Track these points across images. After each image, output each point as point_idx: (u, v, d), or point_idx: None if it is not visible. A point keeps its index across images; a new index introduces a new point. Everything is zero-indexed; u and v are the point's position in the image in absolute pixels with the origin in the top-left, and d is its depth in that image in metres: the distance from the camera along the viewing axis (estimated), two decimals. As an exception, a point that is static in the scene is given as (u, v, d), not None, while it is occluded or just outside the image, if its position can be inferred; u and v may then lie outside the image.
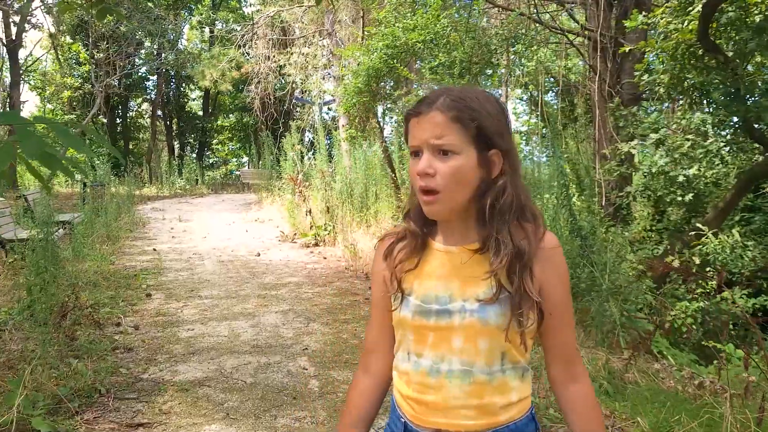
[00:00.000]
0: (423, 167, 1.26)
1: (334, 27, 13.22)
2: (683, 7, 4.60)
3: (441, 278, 1.33)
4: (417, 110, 1.28)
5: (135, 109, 30.09)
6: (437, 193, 1.26)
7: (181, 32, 25.57)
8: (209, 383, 4.22)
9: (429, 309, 1.31)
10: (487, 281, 1.28)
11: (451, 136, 1.24)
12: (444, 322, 1.30)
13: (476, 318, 1.27)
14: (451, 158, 1.25)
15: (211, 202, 17.90)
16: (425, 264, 1.36)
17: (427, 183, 1.26)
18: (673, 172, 5.52)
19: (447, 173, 1.25)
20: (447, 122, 1.24)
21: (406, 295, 1.36)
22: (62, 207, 13.41)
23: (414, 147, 1.29)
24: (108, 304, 6.13)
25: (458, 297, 1.30)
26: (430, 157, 1.26)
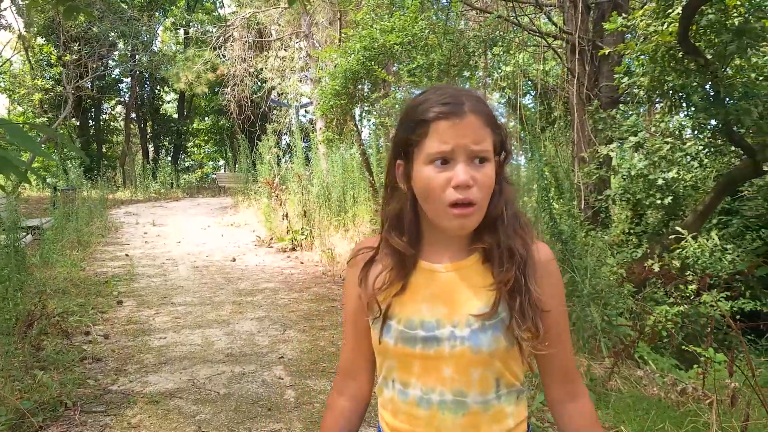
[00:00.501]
0: (465, 178, 1.11)
1: (311, 29, 13.09)
2: (663, 10, 4.56)
3: (426, 301, 1.22)
4: (453, 111, 1.14)
5: (108, 112, 29.61)
6: (474, 205, 1.14)
7: (156, 34, 25.23)
8: (181, 395, 4.08)
9: (414, 336, 1.19)
10: (484, 296, 1.18)
11: (486, 141, 1.14)
12: (432, 351, 1.18)
13: (467, 346, 1.16)
14: (486, 166, 1.14)
15: (187, 206, 17.65)
16: (408, 284, 1.24)
17: (466, 195, 1.13)
18: (652, 176, 5.49)
19: (484, 183, 1.14)
20: (483, 127, 1.14)
21: (387, 319, 1.23)
22: (32, 212, 13.10)
23: (443, 153, 1.14)
24: (77, 312, 5.94)
25: (447, 322, 1.19)
26: (466, 165, 1.13)
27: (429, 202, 1.17)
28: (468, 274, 1.21)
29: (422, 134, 1.16)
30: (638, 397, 3.78)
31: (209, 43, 17.02)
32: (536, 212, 5.36)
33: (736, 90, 4.59)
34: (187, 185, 24.26)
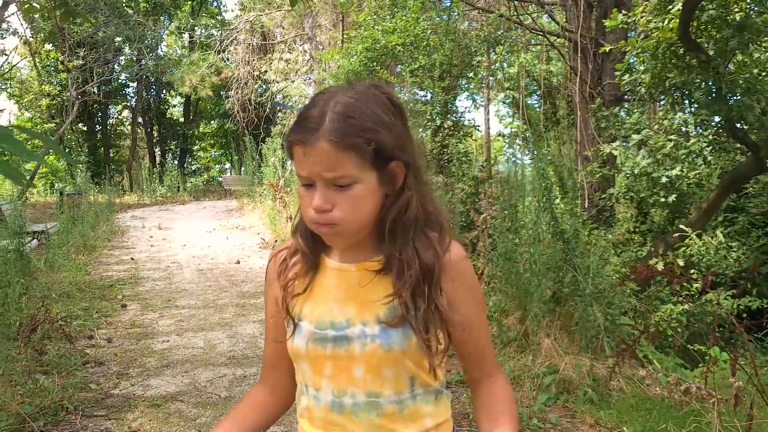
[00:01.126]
0: (319, 204, 1.08)
1: (314, 31, 13.10)
2: (663, 6, 4.53)
3: (337, 300, 1.19)
4: (300, 138, 1.08)
5: (115, 117, 29.76)
6: (335, 225, 1.11)
7: (161, 38, 25.33)
8: (182, 398, 4.07)
9: (324, 335, 1.16)
10: (389, 304, 1.14)
11: (345, 166, 1.06)
12: (342, 350, 1.15)
13: (378, 344, 1.13)
14: (349, 189, 1.08)
15: (192, 210, 17.68)
16: (318, 285, 1.22)
17: (324, 219, 1.10)
18: (656, 174, 5.45)
19: (346, 206, 1.09)
20: (339, 152, 1.05)
21: (297, 321, 1.21)
22: (39, 217, 13.15)
23: (304, 179, 1.11)
24: (81, 317, 5.95)
25: (357, 321, 1.16)
26: (324, 191, 1.09)
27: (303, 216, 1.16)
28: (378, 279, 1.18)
29: (290, 156, 1.13)
30: (641, 396, 3.75)
31: (213, 47, 17.05)
32: (538, 212, 5.32)
33: (738, 86, 4.55)
34: (194, 189, 24.32)
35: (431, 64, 8.29)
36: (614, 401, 3.72)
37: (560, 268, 4.85)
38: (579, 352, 4.28)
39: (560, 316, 4.69)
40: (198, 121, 30.13)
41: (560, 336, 4.46)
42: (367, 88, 1.15)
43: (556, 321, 4.61)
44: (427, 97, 9.09)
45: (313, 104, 1.12)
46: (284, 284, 1.23)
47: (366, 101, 1.11)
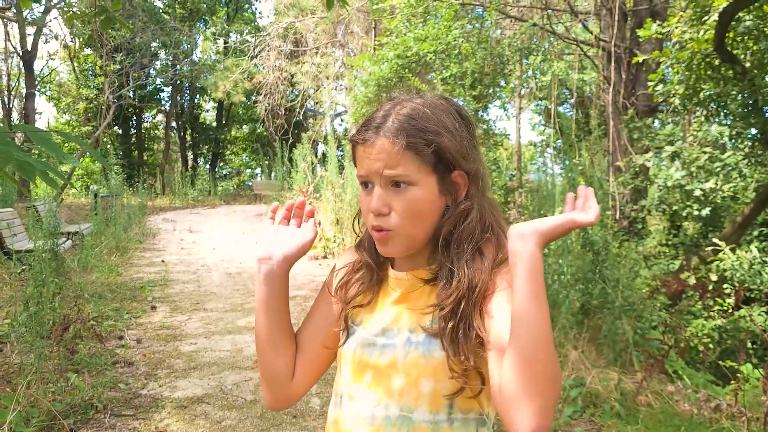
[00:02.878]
0: (376, 205, 1.10)
1: (346, 38, 13.18)
2: (699, 17, 4.46)
3: (390, 309, 1.19)
4: (362, 137, 1.12)
5: (149, 120, 30.27)
6: (389, 231, 1.11)
7: (196, 44, 25.72)
8: (208, 400, 4.11)
9: (374, 342, 1.16)
10: (431, 314, 1.13)
11: (405, 165, 1.08)
12: (387, 359, 1.13)
13: (420, 352, 1.10)
14: (406, 191, 1.09)
15: (223, 213, 17.87)
16: (380, 296, 1.22)
17: (380, 223, 1.11)
18: (690, 186, 5.36)
19: (403, 210, 1.10)
20: (399, 151, 1.08)
21: (354, 325, 1.21)
22: (74, 218, 13.42)
23: (363, 178, 1.14)
24: (112, 317, 6.05)
25: (405, 328, 1.15)
26: (382, 191, 1.10)
27: (365, 223, 1.19)
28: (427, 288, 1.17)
29: (353, 157, 1.17)
30: (669, 412, 3.68)
31: (247, 53, 17.25)
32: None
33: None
34: (224, 192, 24.60)
35: (462, 73, 8.27)
36: (642, 416, 3.66)
37: (589, 280, 4.80)
38: (607, 365, 4.23)
39: (588, 328, 4.64)
40: (230, 125, 30.49)
41: (588, 348, 4.41)
42: (435, 98, 1.18)
43: (584, 333, 4.57)
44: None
45: (379, 108, 1.16)
46: (347, 300, 1.24)
47: (431, 107, 1.14)
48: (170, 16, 23.56)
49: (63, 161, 2.21)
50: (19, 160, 1.56)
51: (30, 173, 1.75)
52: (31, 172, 1.73)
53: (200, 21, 26.68)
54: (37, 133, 1.87)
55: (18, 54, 19.35)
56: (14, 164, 1.54)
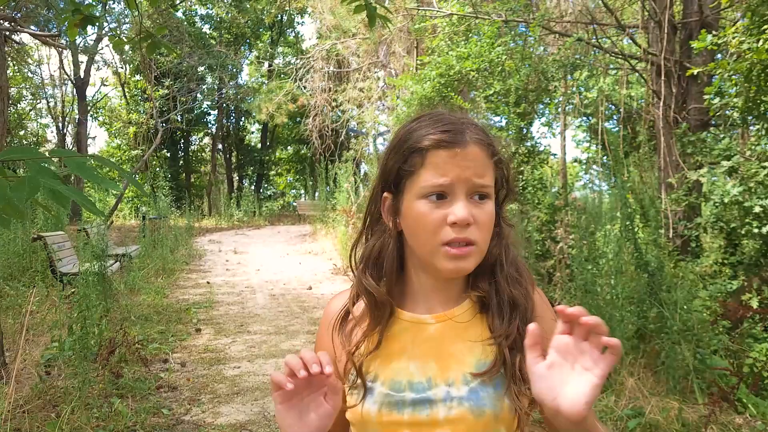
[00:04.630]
0: (465, 215, 0.97)
1: (388, 58, 13.19)
2: (758, 26, 4.26)
3: (414, 357, 1.05)
4: (451, 139, 1.00)
5: (196, 143, 30.87)
6: (472, 245, 1.00)
7: (241, 67, 26.19)
8: (251, 427, 4.04)
9: (402, 399, 1.02)
10: (481, 351, 1.02)
11: (488, 176, 1.02)
12: (424, 415, 1.00)
13: (467, 408, 0.98)
14: (486, 204, 1.01)
15: (267, 234, 18.01)
16: (389, 338, 1.07)
17: (465, 234, 0.99)
18: (748, 203, 5.10)
19: (485, 222, 1.01)
20: (486, 159, 1.01)
21: (368, 382, 1.06)
22: (123, 240, 13.67)
23: (441, 187, 0.99)
24: (157, 340, 6.06)
25: (440, 380, 1.02)
26: (466, 201, 1.00)
27: (421, 241, 1.03)
28: (460, 326, 1.05)
29: (416, 164, 1.02)
30: (736, 446, 3.45)
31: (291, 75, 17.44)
32: (620, 242, 5.07)
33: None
34: (269, 213, 24.81)
35: (506, 90, 8.14)
36: (707, 450, 3.44)
37: (644, 302, 4.58)
38: (666, 393, 4.00)
39: (645, 353, 4.42)
40: (274, 147, 30.87)
41: (645, 375, 4.19)
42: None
43: (640, 359, 4.35)
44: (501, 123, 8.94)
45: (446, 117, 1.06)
46: (351, 349, 1.08)
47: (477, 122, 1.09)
48: (216, 40, 24.06)
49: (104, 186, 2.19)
50: (51, 188, 1.52)
51: (63, 201, 1.71)
52: (64, 201, 1.69)
53: (245, 45, 27.17)
54: (73, 159, 1.84)
55: (71, 81, 20.00)
56: (45, 192, 1.49)
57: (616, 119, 15.10)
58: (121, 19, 18.59)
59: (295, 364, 0.93)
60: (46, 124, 24.34)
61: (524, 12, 8.83)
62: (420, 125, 1.05)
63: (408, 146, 1.03)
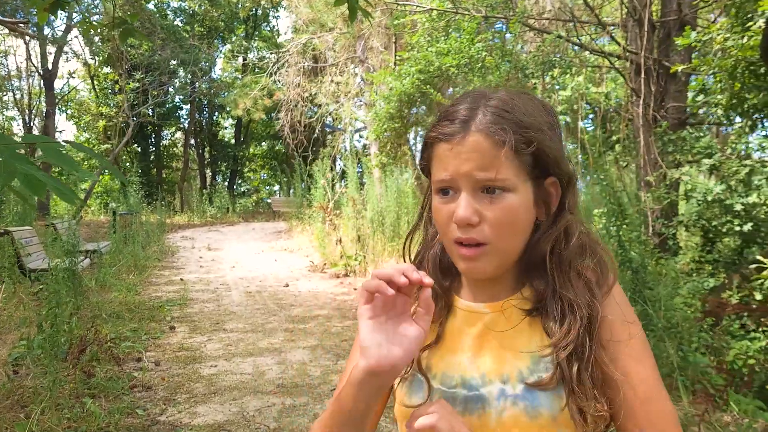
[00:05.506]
0: (465, 215, 0.89)
1: (366, 54, 13.08)
2: (742, 22, 4.25)
3: (468, 350, 0.97)
4: (448, 132, 0.91)
5: (168, 138, 30.41)
6: (483, 246, 0.91)
7: (214, 61, 25.84)
8: (230, 427, 3.92)
9: (453, 395, 0.94)
10: (536, 355, 0.92)
11: (501, 167, 0.88)
12: (475, 415, 0.92)
13: (521, 409, 0.90)
14: (501, 198, 0.89)
15: (241, 231, 17.78)
16: (446, 331, 1.00)
17: (469, 235, 0.90)
18: (730, 200, 5.11)
19: (498, 221, 0.89)
20: (495, 149, 0.88)
21: (419, 375, 0.99)
22: (93, 236, 13.37)
23: (444, 183, 0.92)
24: (130, 338, 5.89)
25: (495, 377, 0.93)
26: (471, 198, 0.90)
27: (441, 237, 0.96)
28: (515, 317, 0.96)
29: (429, 158, 0.95)
30: (724, 444, 3.43)
31: (266, 70, 17.21)
32: (603, 239, 5.05)
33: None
34: (243, 210, 24.54)
35: (486, 86, 8.10)
36: (695, 449, 3.41)
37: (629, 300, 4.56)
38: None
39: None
40: (248, 142, 30.55)
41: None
42: (519, 91, 0.97)
43: (623, 357, 4.31)
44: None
45: (460, 101, 0.95)
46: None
47: (521, 99, 0.94)
48: (189, 33, 23.68)
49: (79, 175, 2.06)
50: (26, 174, 1.40)
51: (38, 189, 1.58)
52: (40, 188, 1.56)
53: (218, 38, 26.81)
54: (48, 145, 1.71)
55: (39, 72, 19.52)
56: (20, 179, 1.37)
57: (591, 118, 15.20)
58: (91, 9, 18.20)
59: (392, 272, 0.83)
60: (12, 116, 23.73)
61: (504, 8, 8.79)
62: (441, 111, 0.97)
63: (424, 138, 0.98)
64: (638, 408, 0.90)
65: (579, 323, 0.90)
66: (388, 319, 0.87)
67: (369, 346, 0.85)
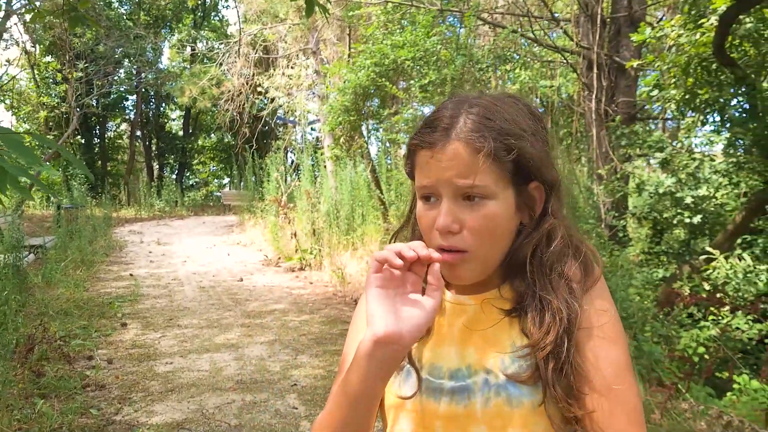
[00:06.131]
0: (445, 223, 0.90)
1: (319, 46, 12.94)
2: (694, 20, 4.36)
3: (453, 342, 0.98)
4: (428, 139, 0.91)
5: (113, 130, 29.55)
6: (463, 252, 0.91)
7: (161, 51, 25.22)
8: (189, 425, 3.83)
9: (440, 386, 0.95)
10: (516, 333, 0.94)
11: (481, 175, 0.89)
12: (461, 406, 0.93)
13: (503, 399, 0.91)
14: (482, 206, 0.90)
15: (192, 225, 17.45)
16: (435, 324, 1.01)
17: (449, 242, 0.91)
18: (680, 193, 5.26)
19: (478, 228, 0.90)
20: (474, 157, 0.88)
21: (408, 366, 0.99)
22: (35, 230, 12.91)
23: (425, 189, 0.93)
24: (80, 336, 5.70)
25: (479, 368, 0.94)
26: (452, 205, 0.90)
27: (425, 243, 0.94)
28: (495, 316, 0.97)
29: (411, 164, 0.96)
30: (680, 431, 3.52)
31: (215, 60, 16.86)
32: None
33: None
34: (192, 203, 24.05)
35: (441, 80, 8.12)
36: (653, 436, 3.49)
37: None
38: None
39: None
40: (197, 134, 29.95)
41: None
42: (504, 96, 0.97)
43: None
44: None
45: (442, 107, 0.95)
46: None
47: (504, 105, 0.94)
48: (134, 23, 23.02)
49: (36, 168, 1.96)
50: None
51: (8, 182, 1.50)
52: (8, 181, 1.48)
53: (165, 28, 26.15)
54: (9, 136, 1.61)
55: (-25, 61, 18.67)
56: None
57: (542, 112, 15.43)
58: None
59: (402, 246, 0.86)
60: (-54, 106, 22.72)
61: (459, 1, 8.82)
62: (425, 117, 0.98)
63: (407, 144, 0.99)
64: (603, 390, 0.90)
65: (558, 326, 0.90)
66: (396, 294, 0.88)
67: (375, 314, 0.86)
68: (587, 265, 0.97)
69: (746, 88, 4.43)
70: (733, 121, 4.72)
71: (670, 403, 3.60)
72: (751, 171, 4.84)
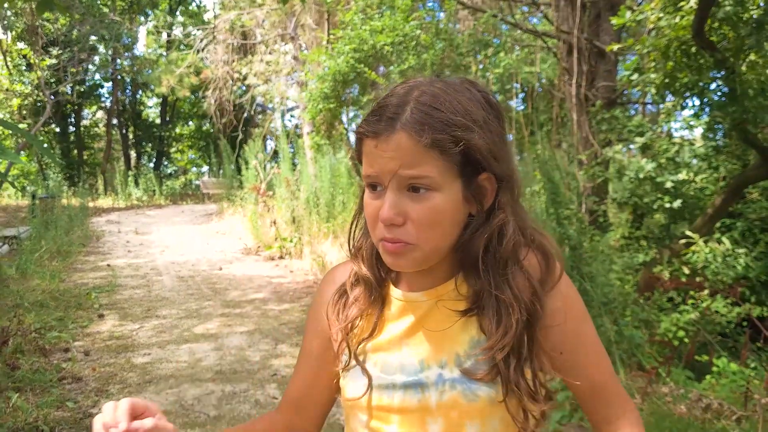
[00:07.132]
0: (389, 215, 0.86)
1: (297, 31, 12.81)
2: (674, 2, 4.35)
3: (405, 338, 0.96)
4: (373, 129, 0.88)
5: (89, 118, 29.09)
6: (407, 245, 0.88)
7: (137, 37, 24.81)
8: (168, 417, 3.76)
9: (392, 382, 0.94)
10: (473, 327, 0.94)
11: (425, 166, 0.85)
12: (415, 401, 0.92)
13: (459, 392, 0.90)
14: (426, 197, 0.86)
15: (170, 214, 17.26)
16: (384, 321, 0.99)
17: (394, 234, 0.88)
18: (660, 178, 5.27)
19: (422, 221, 0.87)
20: (419, 148, 0.85)
21: (359, 364, 0.98)
22: (10, 221, 12.69)
23: (371, 179, 0.90)
24: (56, 327, 5.60)
25: (432, 362, 0.93)
26: (395, 196, 0.87)
27: (370, 232, 0.94)
28: (452, 317, 0.95)
29: (359, 151, 0.92)
30: (661, 414, 3.53)
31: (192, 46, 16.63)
32: (542, 216, 5.11)
33: (751, 87, 4.38)
34: (170, 192, 23.80)
35: (422, 65, 8.06)
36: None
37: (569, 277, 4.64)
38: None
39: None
40: (175, 122, 29.59)
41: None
42: (458, 82, 0.92)
43: (564, 333, 4.39)
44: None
45: (391, 93, 0.90)
46: (345, 326, 0.99)
47: (456, 94, 0.88)
48: (109, 8, 22.61)
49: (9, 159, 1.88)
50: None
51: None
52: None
53: (141, 13, 25.71)
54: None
55: (-55, 48, 18.26)
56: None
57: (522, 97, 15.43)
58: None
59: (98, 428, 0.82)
60: None
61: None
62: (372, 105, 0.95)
63: (356, 131, 0.95)
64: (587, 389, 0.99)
65: (515, 325, 0.88)
66: None
67: None
68: (549, 260, 0.95)
69: (725, 72, 4.44)
70: (712, 104, 4.72)
71: (651, 387, 3.61)
72: (729, 155, 4.85)
